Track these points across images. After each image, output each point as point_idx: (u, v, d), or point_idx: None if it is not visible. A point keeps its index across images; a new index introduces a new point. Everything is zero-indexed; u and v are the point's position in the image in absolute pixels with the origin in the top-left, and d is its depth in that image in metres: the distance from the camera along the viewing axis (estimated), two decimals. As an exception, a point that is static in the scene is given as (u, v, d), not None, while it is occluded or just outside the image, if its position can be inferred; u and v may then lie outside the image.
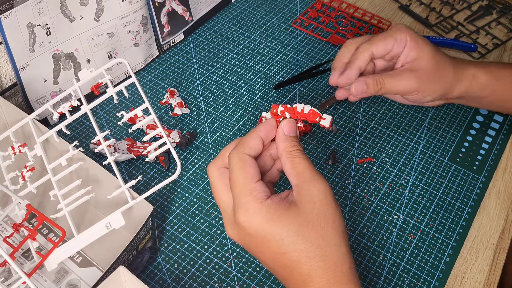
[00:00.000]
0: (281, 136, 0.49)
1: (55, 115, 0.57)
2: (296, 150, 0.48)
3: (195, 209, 0.63)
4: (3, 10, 0.59)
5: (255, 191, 0.45)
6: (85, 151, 0.66)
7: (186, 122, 0.72)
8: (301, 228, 0.44)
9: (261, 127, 0.49)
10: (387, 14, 0.94)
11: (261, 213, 0.44)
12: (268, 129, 0.49)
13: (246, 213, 0.45)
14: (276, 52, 0.84)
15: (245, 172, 0.46)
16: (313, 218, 0.45)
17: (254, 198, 0.45)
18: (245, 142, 0.48)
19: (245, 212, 0.45)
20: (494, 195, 0.67)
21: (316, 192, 0.46)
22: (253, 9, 0.92)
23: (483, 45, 0.89)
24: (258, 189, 0.45)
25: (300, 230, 0.44)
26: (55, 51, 0.67)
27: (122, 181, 0.51)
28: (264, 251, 0.46)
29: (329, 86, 0.79)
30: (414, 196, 0.66)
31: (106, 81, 0.55)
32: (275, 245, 0.45)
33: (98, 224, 0.50)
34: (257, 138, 0.48)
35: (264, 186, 0.46)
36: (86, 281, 0.55)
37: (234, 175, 0.46)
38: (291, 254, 0.45)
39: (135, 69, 0.79)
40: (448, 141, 0.73)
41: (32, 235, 0.52)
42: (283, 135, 0.48)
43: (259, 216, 0.45)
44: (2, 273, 0.54)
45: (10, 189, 0.56)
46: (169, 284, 0.56)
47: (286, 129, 0.49)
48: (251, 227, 0.45)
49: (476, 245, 0.62)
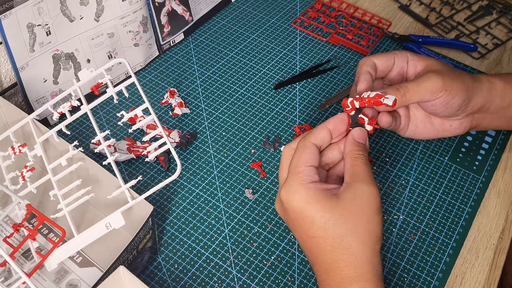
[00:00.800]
0: (349, 140, 0.53)
1: (55, 115, 0.57)
2: (361, 154, 0.51)
3: (195, 209, 0.63)
4: (3, 10, 0.59)
5: (302, 173, 0.49)
6: (85, 151, 0.66)
7: (186, 122, 0.72)
8: (334, 218, 0.47)
9: (331, 120, 0.53)
10: (387, 14, 0.94)
11: (300, 193, 0.48)
12: (336, 123, 0.53)
13: (288, 189, 0.49)
14: (276, 52, 0.84)
15: (301, 156, 0.50)
16: (349, 212, 0.47)
17: (299, 179, 0.49)
18: (313, 132, 0.53)
19: (287, 189, 0.49)
20: (494, 195, 0.67)
21: (361, 192, 0.48)
22: (253, 9, 0.92)
23: (483, 45, 0.89)
24: (305, 172, 0.49)
25: (332, 219, 0.47)
26: (55, 51, 0.67)
27: (122, 181, 0.51)
28: (297, 229, 0.50)
29: (329, 86, 0.79)
30: (414, 196, 0.66)
31: (106, 81, 0.55)
32: (305, 227, 0.48)
33: (98, 224, 0.50)
34: (325, 129, 0.52)
35: (313, 172, 0.50)
36: (86, 281, 0.55)
37: (294, 157, 0.51)
38: (318, 240, 0.48)
39: (135, 69, 0.79)
40: (448, 141, 0.73)
41: (32, 235, 0.52)
42: (352, 139, 0.52)
43: (297, 195, 0.48)
44: (2, 273, 0.54)
45: (10, 189, 0.56)
46: (169, 284, 0.56)
47: (356, 135, 0.53)
48: (289, 203, 0.49)
49: (476, 245, 0.62)
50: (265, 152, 0.70)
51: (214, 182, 0.66)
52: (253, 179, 0.66)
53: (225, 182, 0.66)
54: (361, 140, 0.53)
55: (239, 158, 0.69)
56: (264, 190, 0.65)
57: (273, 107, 0.75)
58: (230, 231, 0.61)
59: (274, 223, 0.62)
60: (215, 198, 0.64)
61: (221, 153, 0.69)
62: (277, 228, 0.62)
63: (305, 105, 0.76)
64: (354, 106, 0.53)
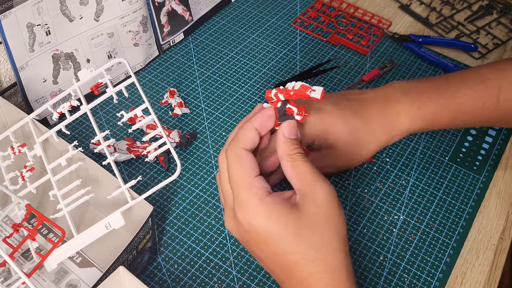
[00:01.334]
0: (281, 139, 0.47)
1: (54, 115, 0.57)
2: (297, 153, 0.46)
3: (195, 209, 0.63)
4: (3, 10, 0.59)
5: (255, 187, 0.44)
6: (85, 151, 0.66)
7: (186, 122, 0.72)
8: (302, 230, 0.43)
9: (256, 118, 0.47)
10: (387, 14, 0.94)
11: (261, 211, 0.43)
12: (263, 120, 0.47)
13: (245, 210, 0.44)
14: (276, 52, 0.84)
15: (241, 167, 0.45)
16: (315, 221, 0.44)
17: (254, 194, 0.44)
18: (240, 136, 0.47)
19: (244, 209, 0.44)
20: (494, 195, 0.67)
21: (320, 196, 0.45)
22: (253, 9, 0.92)
23: (484, 45, 0.89)
24: (257, 185, 0.44)
25: (301, 232, 0.43)
26: (55, 51, 0.67)
27: (122, 181, 0.51)
28: (262, 249, 0.45)
29: (329, 86, 0.79)
30: (415, 196, 0.66)
31: (106, 81, 0.55)
32: (274, 245, 0.44)
33: (98, 224, 0.50)
34: (252, 130, 0.47)
35: (264, 182, 0.45)
36: (85, 282, 0.55)
37: (231, 171, 0.45)
38: (290, 256, 0.44)
39: (135, 69, 0.79)
40: (448, 141, 0.73)
41: (31, 235, 0.52)
42: (283, 137, 0.47)
43: (258, 214, 0.43)
44: (2, 273, 0.54)
45: (10, 189, 0.56)
46: (169, 284, 0.56)
47: (286, 131, 0.47)
48: (250, 225, 0.44)
49: (477, 245, 0.62)
50: (265, 152, 0.69)
51: (214, 182, 0.66)
52: (253, 179, 0.66)
53: (225, 182, 0.66)
54: (293, 135, 0.47)
55: (239, 158, 0.68)
56: (264, 190, 0.65)
57: (273, 107, 0.75)
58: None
59: (274, 223, 0.62)
60: (215, 199, 0.64)
61: (221, 153, 0.69)
62: (277, 228, 0.62)
63: (305, 105, 0.76)
64: (279, 98, 0.48)
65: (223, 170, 0.48)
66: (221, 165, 0.48)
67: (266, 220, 0.43)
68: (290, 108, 0.48)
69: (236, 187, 0.45)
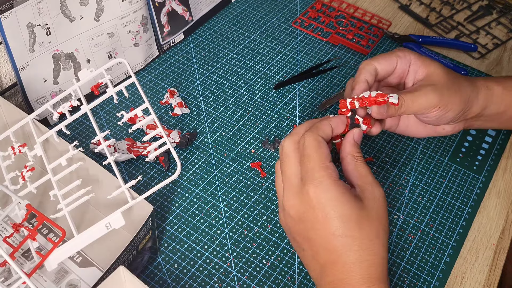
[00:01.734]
0: (350, 141, 0.53)
1: (55, 115, 0.57)
2: (360, 156, 0.52)
3: (195, 209, 0.63)
4: (3, 10, 0.59)
5: (329, 169, 0.49)
6: (85, 151, 0.66)
7: (186, 122, 0.72)
8: (363, 219, 0.48)
9: (334, 118, 0.53)
10: (387, 14, 0.94)
11: (333, 190, 0.48)
12: (338, 122, 0.53)
13: (319, 186, 0.48)
14: (276, 52, 0.84)
15: (320, 151, 0.49)
16: (373, 215, 0.48)
17: (329, 175, 0.48)
18: (319, 127, 0.52)
19: (318, 185, 0.48)
20: (494, 195, 0.67)
21: (378, 195, 0.50)
22: (253, 9, 0.92)
23: (483, 45, 0.89)
24: (332, 168, 0.49)
25: (362, 220, 0.48)
26: (55, 51, 0.67)
27: (122, 181, 0.51)
28: (318, 228, 0.48)
29: (329, 86, 0.79)
30: (414, 196, 0.66)
31: (106, 81, 0.55)
32: (333, 225, 0.47)
33: (98, 224, 0.50)
34: (329, 126, 0.52)
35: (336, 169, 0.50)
36: (86, 281, 0.55)
37: (309, 152, 0.49)
38: (348, 239, 0.47)
39: (135, 69, 0.79)
40: (448, 141, 0.73)
41: (32, 235, 0.52)
42: (352, 140, 0.53)
43: (330, 192, 0.47)
44: (2, 273, 0.54)
45: (10, 189, 0.56)
46: (169, 284, 0.56)
47: (356, 136, 0.53)
48: (319, 200, 0.48)
49: (476, 245, 0.62)
50: (265, 152, 0.70)
51: (214, 182, 0.66)
52: (253, 179, 0.66)
53: (225, 182, 0.66)
54: (359, 141, 0.54)
55: (239, 158, 0.69)
56: (264, 190, 0.65)
57: (273, 107, 0.75)
58: (230, 231, 0.61)
59: (274, 223, 0.62)
60: (215, 198, 0.64)
61: (221, 153, 0.69)
62: (277, 228, 0.62)
63: (305, 105, 0.76)
64: (354, 106, 0.53)
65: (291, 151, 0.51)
66: (287, 147, 0.52)
67: (336, 200, 0.47)
68: (358, 118, 0.54)
69: (312, 166, 0.49)
